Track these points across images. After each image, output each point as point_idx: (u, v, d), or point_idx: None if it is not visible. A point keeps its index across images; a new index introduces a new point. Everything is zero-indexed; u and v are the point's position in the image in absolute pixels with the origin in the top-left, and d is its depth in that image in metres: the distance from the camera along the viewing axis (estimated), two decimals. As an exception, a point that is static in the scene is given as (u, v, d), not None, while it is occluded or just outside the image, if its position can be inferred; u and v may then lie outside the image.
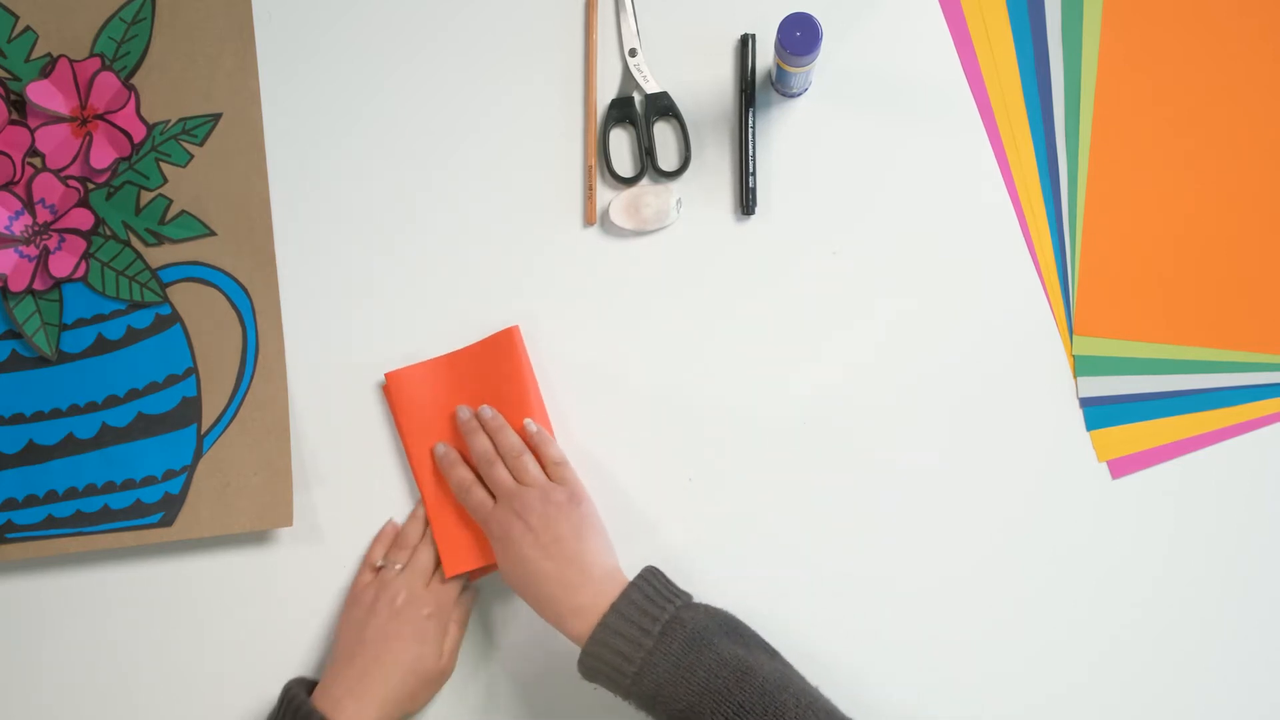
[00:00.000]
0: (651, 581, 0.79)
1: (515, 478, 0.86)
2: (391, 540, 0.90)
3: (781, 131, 0.94)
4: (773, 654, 0.78)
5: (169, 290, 0.93)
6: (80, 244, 0.93)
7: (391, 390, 0.92)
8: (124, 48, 0.95)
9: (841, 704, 0.75)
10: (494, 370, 0.91)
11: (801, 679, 0.76)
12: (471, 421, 0.89)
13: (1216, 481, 0.89)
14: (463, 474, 0.88)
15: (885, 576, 0.89)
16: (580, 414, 0.92)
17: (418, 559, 0.88)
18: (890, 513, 0.90)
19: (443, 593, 0.87)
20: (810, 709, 0.72)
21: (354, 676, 0.82)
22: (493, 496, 0.87)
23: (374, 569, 0.89)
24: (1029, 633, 0.88)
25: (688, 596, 0.80)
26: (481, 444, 0.88)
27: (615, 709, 0.79)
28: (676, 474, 0.90)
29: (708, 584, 0.84)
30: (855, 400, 0.91)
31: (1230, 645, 0.87)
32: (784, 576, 0.89)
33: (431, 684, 0.86)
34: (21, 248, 0.93)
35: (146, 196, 0.94)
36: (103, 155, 0.94)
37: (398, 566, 0.88)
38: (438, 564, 0.89)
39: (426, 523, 0.90)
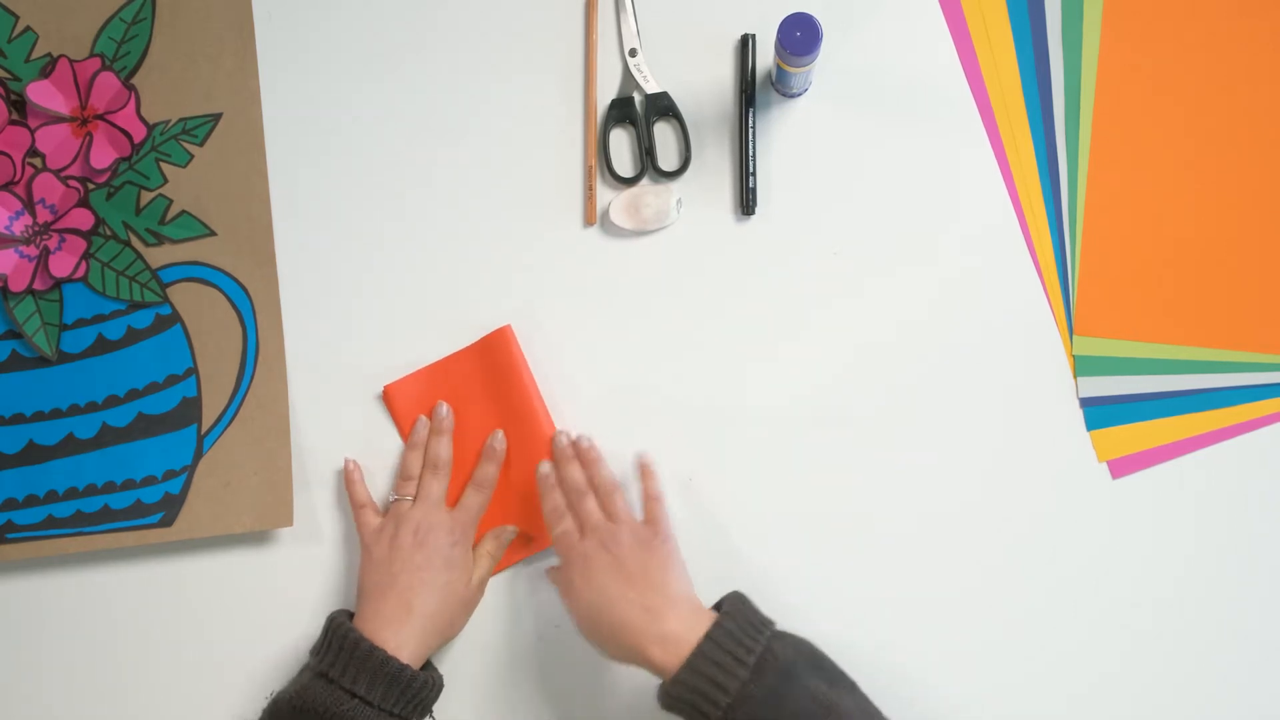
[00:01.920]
0: (742, 610, 0.79)
1: (606, 512, 0.86)
2: (361, 479, 0.91)
3: (781, 131, 0.94)
4: (852, 688, 0.78)
5: (169, 290, 0.93)
6: (80, 244, 0.93)
7: (392, 400, 0.92)
8: (124, 48, 0.95)
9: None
10: (491, 371, 0.92)
11: (880, 714, 0.76)
12: (568, 450, 0.89)
13: (1216, 481, 0.89)
14: (559, 500, 0.87)
15: (885, 576, 0.89)
16: (580, 414, 0.92)
17: (426, 489, 0.88)
18: (890, 512, 0.90)
19: (461, 516, 0.88)
20: None
21: (390, 609, 0.83)
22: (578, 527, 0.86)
23: (373, 509, 0.89)
24: (1028, 633, 0.88)
25: (772, 623, 0.79)
26: (575, 474, 0.88)
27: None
28: (677, 474, 0.90)
29: (707, 584, 0.84)
30: (855, 400, 0.91)
31: (1230, 645, 0.87)
32: (783, 576, 0.89)
33: (466, 608, 0.87)
34: (22, 248, 0.93)
35: (147, 196, 0.94)
36: (103, 155, 0.94)
37: (409, 499, 0.88)
38: (445, 490, 0.89)
39: (426, 452, 0.90)
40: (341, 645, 0.81)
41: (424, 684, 0.81)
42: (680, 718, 0.77)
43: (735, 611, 0.78)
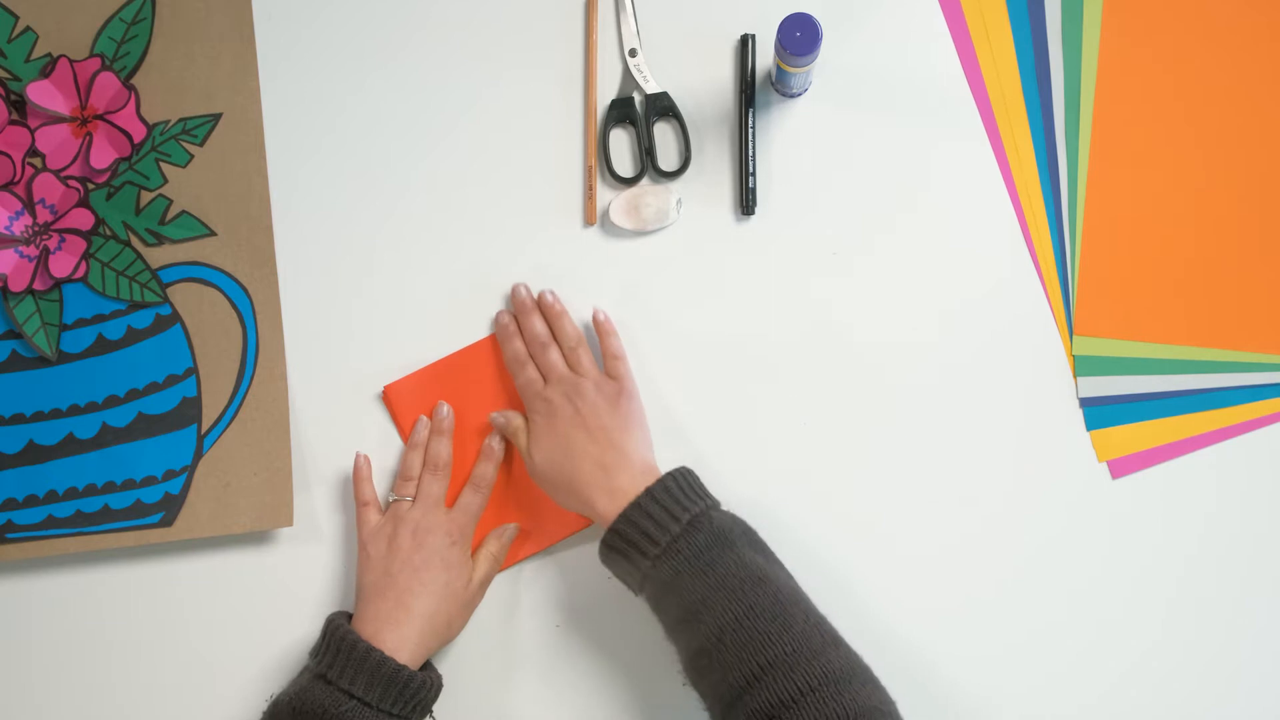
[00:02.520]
0: (687, 478, 0.81)
1: (569, 365, 0.88)
2: (369, 476, 0.91)
3: (781, 131, 0.94)
4: (789, 574, 0.80)
5: (169, 290, 0.93)
6: (80, 244, 0.93)
7: (393, 401, 0.92)
8: (124, 48, 0.95)
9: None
10: (495, 370, 0.92)
11: (810, 600, 0.78)
12: (528, 302, 0.90)
13: (1216, 481, 0.89)
14: (519, 347, 0.89)
15: (884, 576, 0.89)
16: (580, 414, 0.92)
17: (426, 489, 0.89)
18: (890, 512, 0.90)
19: (460, 517, 0.88)
20: (817, 627, 0.75)
21: (389, 610, 0.83)
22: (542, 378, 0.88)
23: (376, 508, 0.89)
24: (1028, 632, 0.88)
25: (717, 501, 0.82)
26: (537, 325, 0.89)
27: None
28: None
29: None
30: (855, 400, 0.91)
31: (1231, 645, 0.87)
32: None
33: (465, 609, 0.87)
34: (22, 248, 0.93)
35: (146, 196, 0.94)
36: (103, 155, 0.94)
37: (408, 500, 0.88)
38: (445, 491, 0.89)
39: (425, 452, 0.90)
40: (340, 647, 0.81)
41: (422, 684, 0.81)
42: (616, 573, 0.81)
43: (681, 476, 0.81)
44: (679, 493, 0.80)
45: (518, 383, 0.89)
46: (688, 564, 0.76)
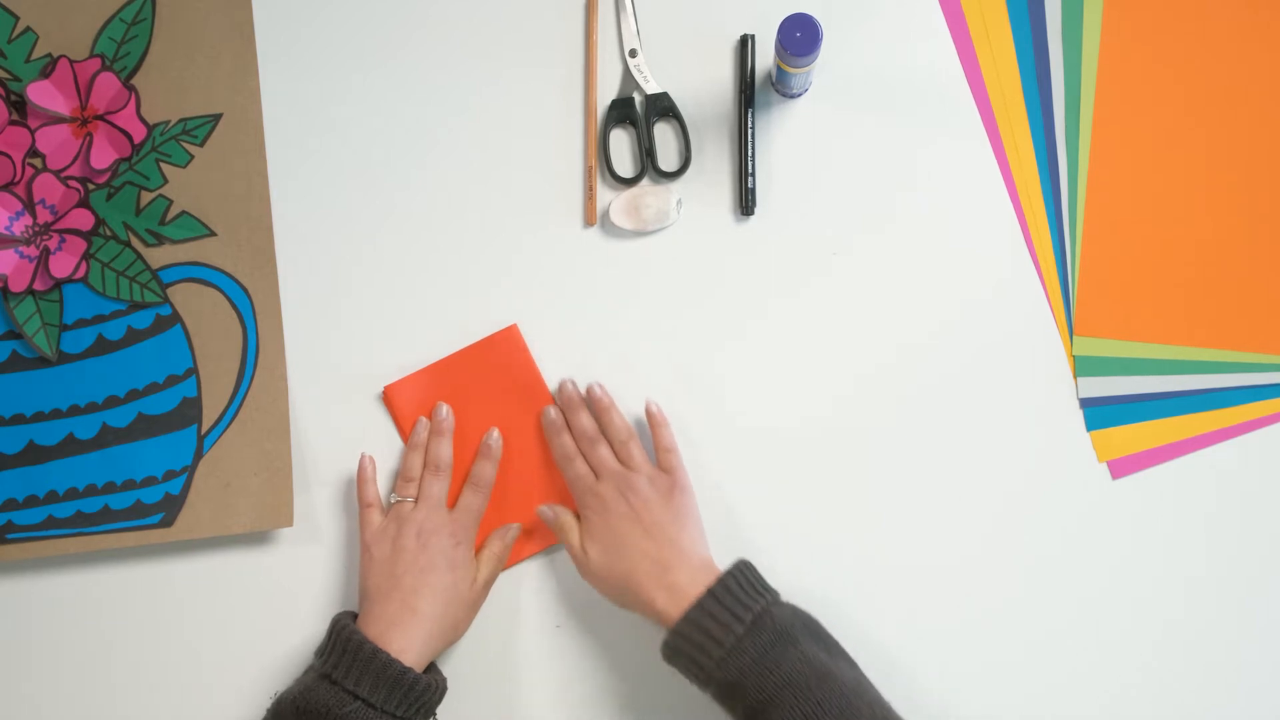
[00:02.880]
0: (746, 573, 0.81)
1: (620, 459, 0.87)
2: (374, 477, 0.91)
3: (781, 132, 0.94)
4: (852, 664, 0.79)
5: (169, 290, 0.93)
6: (80, 244, 0.93)
7: (393, 401, 0.92)
8: (124, 48, 0.95)
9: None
10: (498, 370, 0.92)
11: (877, 691, 0.77)
12: (575, 397, 0.89)
13: (1216, 481, 0.89)
14: (567, 442, 0.88)
15: (883, 576, 0.89)
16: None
17: (428, 490, 0.88)
18: (889, 512, 0.90)
19: (462, 518, 0.88)
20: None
21: (394, 611, 0.83)
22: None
23: (379, 509, 0.89)
24: (1029, 633, 0.88)
25: (777, 594, 0.81)
26: (585, 420, 0.88)
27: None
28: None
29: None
30: (854, 400, 0.91)
31: (1230, 645, 0.87)
32: (781, 576, 0.89)
33: (470, 610, 0.87)
34: (22, 248, 0.93)
35: (147, 197, 0.94)
36: (103, 156, 0.94)
37: (410, 501, 0.88)
38: (446, 491, 0.89)
39: (426, 453, 0.90)
40: (345, 648, 0.81)
41: (427, 687, 0.81)
42: (679, 669, 0.79)
43: (740, 573, 0.80)
44: (739, 591, 0.79)
45: (567, 478, 0.88)
46: (753, 664, 0.76)
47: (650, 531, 0.83)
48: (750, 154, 0.92)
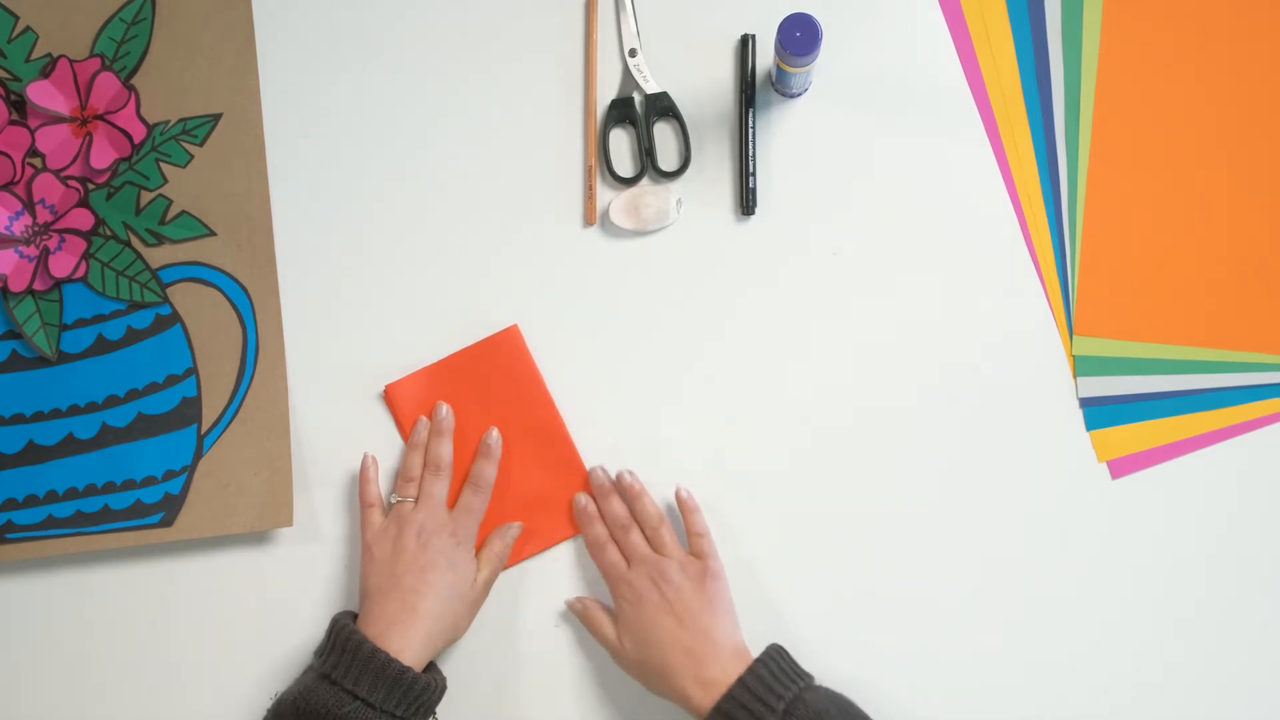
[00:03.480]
0: (778, 660, 0.81)
1: (653, 545, 0.87)
2: (375, 478, 0.91)
3: (781, 131, 0.94)
4: None
5: (169, 290, 0.93)
6: (80, 244, 0.93)
7: (394, 400, 0.92)
8: (124, 48, 0.95)
9: None
10: (499, 370, 0.92)
11: None
12: (606, 484, 0.89)
13: (1216, 481, 0.89)
14: (600, 531, 0.89)
15: (883, 576, 0.89)
16: (580, 415, 0.92)
17: (428, 490, 0.88)
18: (889, 512, 0.90)
19: (463, 518, 0.88)
20: None
21: (394, 611, 0.83)
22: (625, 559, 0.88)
23: (380, 509, 0.89)
24: (1029, 632, 0.88)
25: (810, 678, 0.82)
26: (617, 507, 0.88)
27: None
28: (676, 475, 0.90)
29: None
30: (855, 400, 0.91)
31: (1231, 645, 0.87)
32: (781, 575, 0.89)
33: (471, 609, 0.87)
34: (21, 248, 0.93)
35: (146, 196, 0.94)
36: (103, 155, 0.94)
37: (411, 501, 0.88)
38: (447, 491, 0.89)
39: (426, 453, 0.90)
40: (345, 647, 0.81)
41: (426, 686, 0.81)
42: None
43: (771, 660, 0.81)
44: (772, 680, 0.79)
45: (600, 566, 0.89)
46: None
47: (683, 621, 0.83)
48: (750, 154, 0.92)
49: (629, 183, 0.94)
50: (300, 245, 0.94)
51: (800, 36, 0.85)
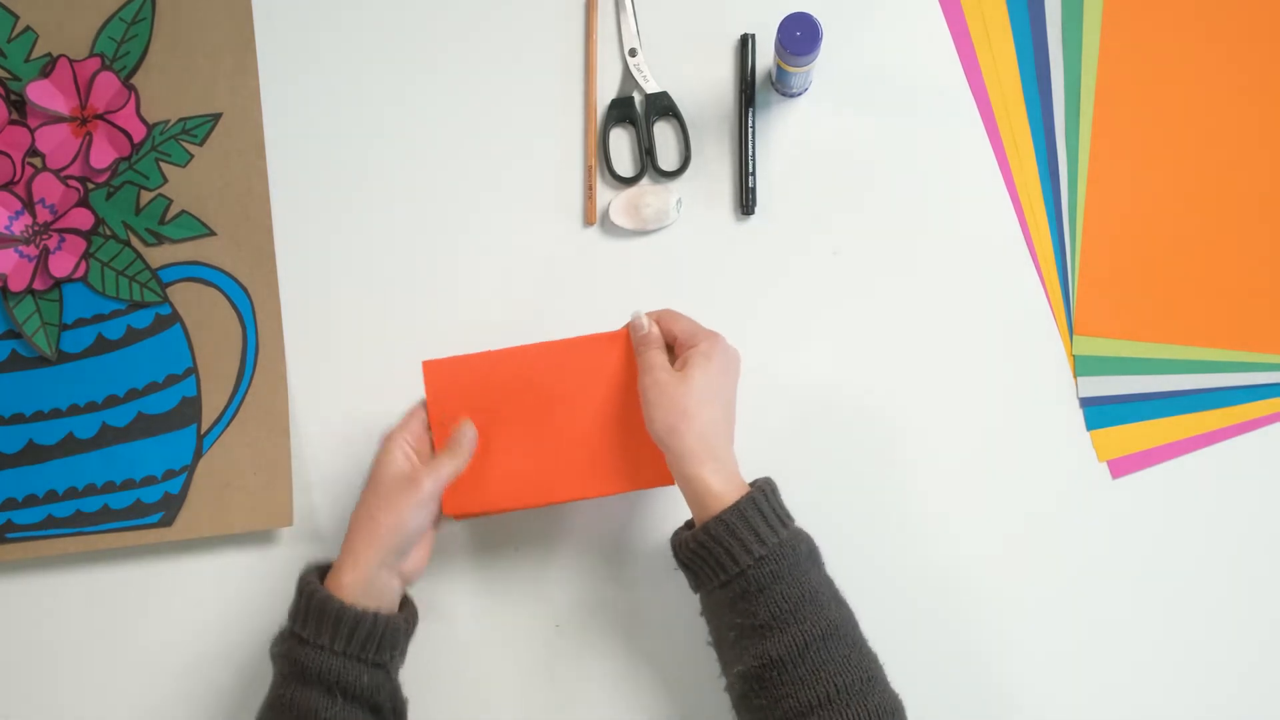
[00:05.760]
0: (775, 488, 0.79)
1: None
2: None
3: (781, 131, 0.94)
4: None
5: (169, 290, 0.93)
6: (80, 244, 0.93)
7: (429, 378, 0.84)
8: (124, 48, 0.95)
9: None
10: (535, 378, 0.84)
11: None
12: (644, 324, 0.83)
13: (1216, 481, 0.89)
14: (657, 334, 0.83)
15: (883, 576, 0.89)
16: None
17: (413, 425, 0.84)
18: (889, 512, 0.90)
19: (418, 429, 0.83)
20: (872, 656, 0.75)
21: (346, 550, 0.79)
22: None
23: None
24: (1028, 632, 0.88)
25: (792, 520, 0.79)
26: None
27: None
28: (676, 474, 0.90)
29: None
30: (854, 400, 0.91)
31: (1230, 645, 0.87)
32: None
33: (417, 508, 0.79)
34: (21, 248, 0.93)
35: (146, 196, 0.94)
36: (103, 155, 0.94)
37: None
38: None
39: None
40: (300, 592, 0.78)
41: (374, 623, 0.76)
42: (700, 561, 0.76)
43: (771, 485, 0.78)
44: (776, 502, 0.78)
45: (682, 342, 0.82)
46: (788, 571, 0.74)
47: (731, 405, 0.80)
48: (750, 154, 0.92)
49: (629, 182, 0.94)
50: (300, 245, 0.94)
51: (800, 36, 0.85)
